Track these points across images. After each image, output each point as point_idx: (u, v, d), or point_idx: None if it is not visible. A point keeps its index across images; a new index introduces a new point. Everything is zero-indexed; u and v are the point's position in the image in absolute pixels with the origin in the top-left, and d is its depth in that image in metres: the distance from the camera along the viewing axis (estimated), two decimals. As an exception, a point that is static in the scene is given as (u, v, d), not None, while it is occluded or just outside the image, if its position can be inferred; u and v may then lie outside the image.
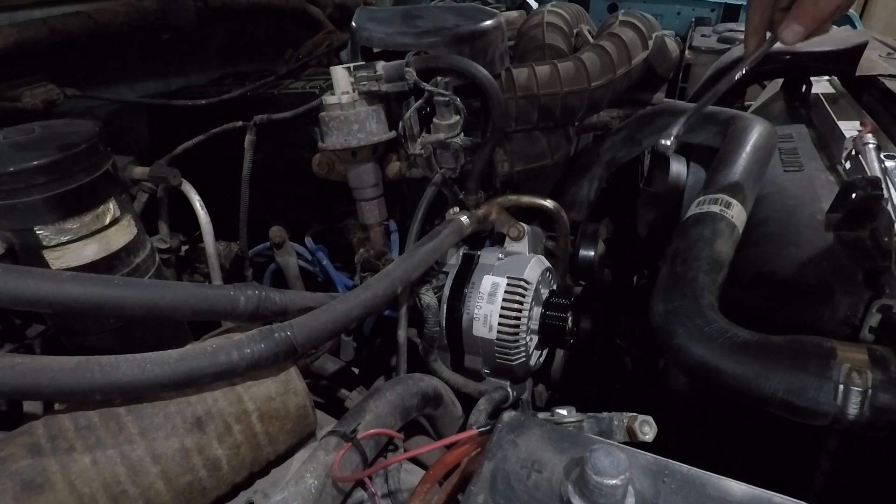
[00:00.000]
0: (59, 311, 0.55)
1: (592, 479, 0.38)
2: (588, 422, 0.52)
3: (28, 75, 0.94)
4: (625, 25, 1.12)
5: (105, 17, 1.05)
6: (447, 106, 0.83)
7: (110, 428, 0.50)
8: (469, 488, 0.43)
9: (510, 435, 0.47)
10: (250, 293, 0.60)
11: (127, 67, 1.22)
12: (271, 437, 0.59)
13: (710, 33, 1.53)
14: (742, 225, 0.75)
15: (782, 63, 1.03)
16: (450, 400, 0.78)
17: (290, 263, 1.04)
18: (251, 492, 0.60)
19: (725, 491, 0.41)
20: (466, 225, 0.87)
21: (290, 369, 0.61)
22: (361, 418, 0.60)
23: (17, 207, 0.59)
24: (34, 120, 0.71)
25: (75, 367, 0.48)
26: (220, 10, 1.26)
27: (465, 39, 0.90)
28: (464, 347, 0.84)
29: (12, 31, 0.93)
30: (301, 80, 1.14)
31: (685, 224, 0.76)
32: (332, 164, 0.92)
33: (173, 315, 0.56)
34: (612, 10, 2.05)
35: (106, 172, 0.65)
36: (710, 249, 0.70)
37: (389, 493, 0.62)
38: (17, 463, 0.47)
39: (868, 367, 0.50)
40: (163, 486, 0.51)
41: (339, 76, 0.81)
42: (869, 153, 0.81)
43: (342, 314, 0.64)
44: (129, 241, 0.68)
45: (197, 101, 1.04)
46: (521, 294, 0.80)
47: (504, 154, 1.00)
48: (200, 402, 0.54)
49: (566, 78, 0.99)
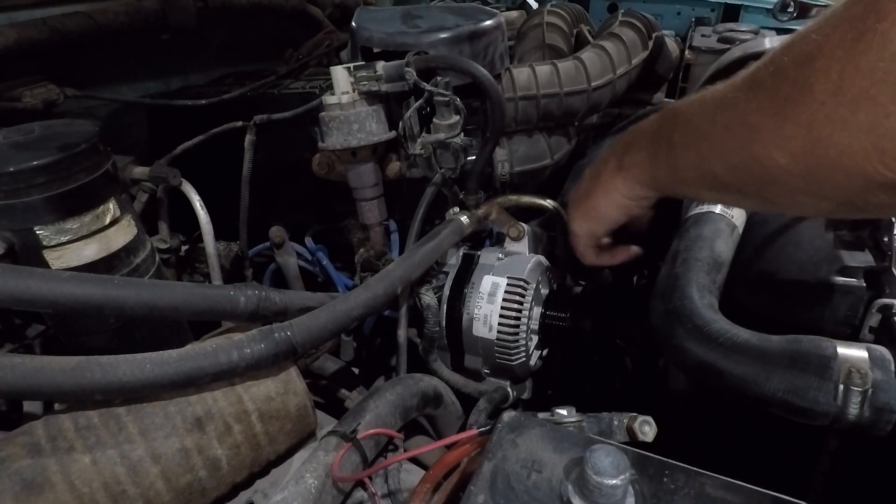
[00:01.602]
0: (59, 311, 0.55)
1: (592, 479, 0.38)
2: (588, 422, 0.52)
3: (28, 75, 0.94)
4: (625, 25, 1.12)
5: (105, 17, 1.05)
6: (447, 106, 0.83)
7: (110, 428, 0.50)
8: (469, 488, 0.43)
9: (510, 435, 0.47)
10: (250, 293, 0.60)
11: (127, 67, 1.22)
12: (271, 437, 0.59)
13: (710, 33, 1.53)
14: (742, 225, 0.75)
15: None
16: (450, 400, 0.78)
17: (290, 263, 1.04)
18: (251, 492, 0.60)
19: (725, 491, 0.41)
20: (466, 225, 0.87)
21: (290, 369, 0.61)
22: (361, 418, 0.60)
23: (17, 207, 0.59)
24: (34, 120, 0.70)
25: (75, 367, 0.48)
26: (220, 10, 1.26)
27: (465, 39, 0.90)
28: (464, 347, 0.84)
29: (12, 31, 0.93)
30: (301, 80, 1.14)
31: (685, 224, 0.76)
32: (332, 164, 0.92)
33: (173, 315, 0.56)
34: (612, 10, 2.05)
35: (106, 172, 0.65)
36: (710, 249, 0.70)
37: (389, 493, 0.62)
38: (17, 463, 0.47)
39: (868, 367, 0.50)
40: (163, 486, 0.51)
41: (339, 76, 0.81)
42: (869, 153, 0.81)
43: (342, 314, 0.64)
44: (129, 241, 0.68)
45: (197, 101, 1.04)
46: (521, 294, 0.80)
47: (504, 154, 1.00)
48: (200, 402, 0.54)
49: (566, 78, 0.99)
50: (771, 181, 0.44)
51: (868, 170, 0.36)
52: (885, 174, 0.35)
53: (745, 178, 0.46)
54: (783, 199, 0.46)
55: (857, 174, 0.37)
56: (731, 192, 0.50)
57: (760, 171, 0.44)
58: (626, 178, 0.63)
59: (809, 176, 0.40)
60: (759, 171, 0.44)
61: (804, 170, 0.40)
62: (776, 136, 0.41)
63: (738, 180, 0.48)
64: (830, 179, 0.39)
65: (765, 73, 0.42)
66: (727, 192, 0.51)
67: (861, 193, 0.39)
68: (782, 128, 0.40)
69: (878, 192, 0.37)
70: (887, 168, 0.35)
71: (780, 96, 0.40)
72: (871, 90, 0.34)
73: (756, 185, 0.46)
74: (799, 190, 0.42)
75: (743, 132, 0.44)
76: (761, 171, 0.43)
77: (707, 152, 0.49)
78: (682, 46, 1.43)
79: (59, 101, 0.95)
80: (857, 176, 0.37)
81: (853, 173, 0.37)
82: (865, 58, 0.34)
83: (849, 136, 0.36)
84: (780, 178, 0.42)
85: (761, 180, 0.45)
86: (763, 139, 0.42)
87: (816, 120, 0.37)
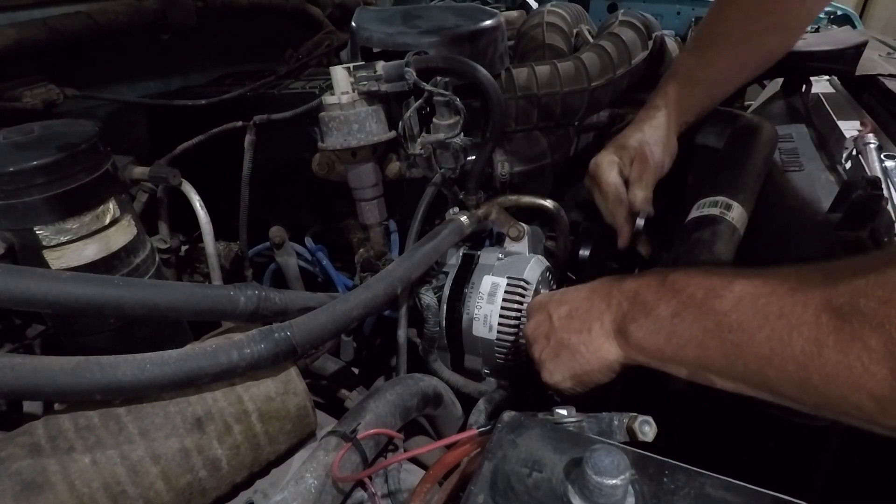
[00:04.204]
0: (59, 311, 0.55)
1: (592, 479, 0.38)
2: (588, 422, 0.52)
3: (28, 75, 0.94)
4: (625, 25, 1.12)
5: (105, 17, 1.05)
6: (447, 106, 0.83)
7: (110, 428, 0.50)
8: (469, 488, 0.43)
9: (510, 435, 0.47)
10: (250, 293, 0.60)
11: (127, 67, 1.21)
12: (271, 437, 0.59)
13: (709, 33, 1.53)
14: (743, 227, 0.75)
15: (782, 63, 1.03)
16: (450, 400, 0.78)
17: (290, 263, 1.04)
18: (251, 492, 0.60)
19: (725, 491, 0.41)
20: (466, 225, 0.87)
21: (290, 369, 0.61)
22: (361, 418, 0.60)
23: (17, 207, 0.59)
24: (34, 120, 0.70)
25: (75, 367, 0.48)
26: (220, 10, 1.26)
27: (465, 39, 0.90)
28: (464, 347, 0.84)
29: (12, 31, 0.93)
30: (301, 80, 1.14)
31: (685, 226, 0.76)
32: (332, 164, 0.92)
33: (173, 315, 0.56)
34: (612, 10, 2.05)
35: (106, 172, 0.65)
36: (710, 253, 0.70)
37: (389, 493, 0.62)
38: (17, 463, 0.47)
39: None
40: (163, 486, 0.51)
41: (338, 76, 0.81)
42: (869, 153, 0.81)
43: (342, 314, 0.64)
44: (129, 241, 0.68)
45: (197, 101, 1.04)
46: (521, 294, 0.80)
47: (504, 154, 1.00)
48: (200, 402, 0.54)
49: (566, 78, 0.99)
50: (841, 411, 0.39)
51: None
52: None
53: (803, 396, 0.41)
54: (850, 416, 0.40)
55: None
56: (767, 392, 0.44)
57: (830, 403, 0.39)
58: (629, 348, 0.57)
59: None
60: (828, 402, 0.39)
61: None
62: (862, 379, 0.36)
63: (791, 390, 0.42)
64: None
65: (844, 302, 0.37)
66: (762, 391, 0.45)
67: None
68: (873, 372, 0.35)
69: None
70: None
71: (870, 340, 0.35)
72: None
73: (815, 403, 0.41)
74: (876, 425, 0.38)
75: (814, 362, 0.39)
76: (830, 403, 0.39)
77: (749, 358, 0.43)
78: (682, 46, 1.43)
79: (59, 101, 0.94)
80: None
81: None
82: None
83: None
84: (854, 415, 0.38)
85: (826, 402, 0.39)
86: (840, 382, 0.37)
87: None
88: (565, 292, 0.67)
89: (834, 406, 0.39)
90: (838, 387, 0.38)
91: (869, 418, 0.38)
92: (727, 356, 0.46)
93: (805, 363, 0.39)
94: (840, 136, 0.93)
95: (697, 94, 0.86)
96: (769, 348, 0.42)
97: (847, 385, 0.37)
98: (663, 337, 0.52)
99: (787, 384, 0.41)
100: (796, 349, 0.40)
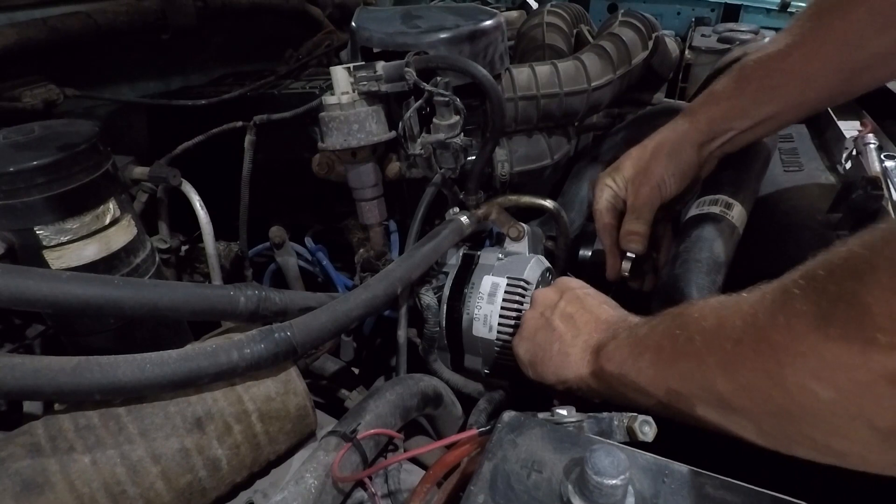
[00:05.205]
0: (59, 311, 0.55)
1: (592, 479, 0.38)
2: (588, 422, 0.52)
3: (28, 75, 0.94)
4: (625, 25, 1.12)
5: (105, 17, 1.05)
6: (447, 106, 0.83)
7: (110, 428, 0.50)
8: (469, 488, 0.43)
9: (510, 435, 0.47)
10: (250, 293, 0.60)
11: (127, 67, 1.22)
12: (271, 437, 0.59)
13: (710, 33, 1.53)
14: (742, 225, 0.75)
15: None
16: (450, 400, 0.78)
17: (290, 263, 1.04)
18: (251, 492, 0.60)
19: (725, 491, 0.41)
20: (466, 225, 0.87)
21: (290, 369, 0.61)
22: (361, 418, 0.60)
23: (17, 207, 0.59)
24: (34, 120, 0.70)
25: (75, 367, 0.48)
26: (220, 10, 1.26)
27: (465, 39, 0.90)
28: (464, 347, 0.84)
29: (12, 31, 0.93)
30: (301, 80, 1.14)
31: (685, 225, 0.76)
32: (332, 164, 0.92)
33: (173, 315, 0.56)
34: (612, 10, 2.05)
35: (106, 172, 0.65)
36: (709, 250, 0.70)
37: (389, 493, 0.62)
38: (17, 463, 0.47)
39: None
40: (163, 486, 0.51)
41: (338, 76, 0.81)
42: (869, 153, 0.81)
43: (342, 314, 0.64)
44: (129, 241, 0.68)
45: (197, 101, 1.04)
46: (521, 294, 0.80)
47: (504, 154, 1.00)
48: (200, 402, 0.54)
49: (566, 78, 0.99)
50: (800, 417, 0.37)
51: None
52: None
53: (762, 406, 0.39)
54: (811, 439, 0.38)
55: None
56: (736, 416, 0.43)
57: (788, 403, 0.37)
58: (602, 372, 0.56)
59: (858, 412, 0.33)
60: (786, 402, 0.37)
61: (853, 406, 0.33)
62: (814, 365, 0.34)
63: (752, 405, 0.41)
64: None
65: (797, 287, 0.36)
66: (731, 415, 0.44)
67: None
68: (822, 355, 0.34)
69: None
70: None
71: (821, 316, 0.34)
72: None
73: (774, 418, 0.39)
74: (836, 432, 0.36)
75: (767, 355, 0.37)
76: (789, 404, 0.37)
77: (712, 367, 0.43)
78: (682, 46, 1.43)
79: (59, 101, 0.94)
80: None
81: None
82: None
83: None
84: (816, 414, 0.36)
85: (787, 414, 0.38)
86: (795, 367, 0.36)
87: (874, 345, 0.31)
88: (585, 295, 0.67)
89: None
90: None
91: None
92: (699, 379, 0.45)
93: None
94: (840, 135, 0.92)
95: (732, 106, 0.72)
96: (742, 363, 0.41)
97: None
98: (632, 360, 0.52)
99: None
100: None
